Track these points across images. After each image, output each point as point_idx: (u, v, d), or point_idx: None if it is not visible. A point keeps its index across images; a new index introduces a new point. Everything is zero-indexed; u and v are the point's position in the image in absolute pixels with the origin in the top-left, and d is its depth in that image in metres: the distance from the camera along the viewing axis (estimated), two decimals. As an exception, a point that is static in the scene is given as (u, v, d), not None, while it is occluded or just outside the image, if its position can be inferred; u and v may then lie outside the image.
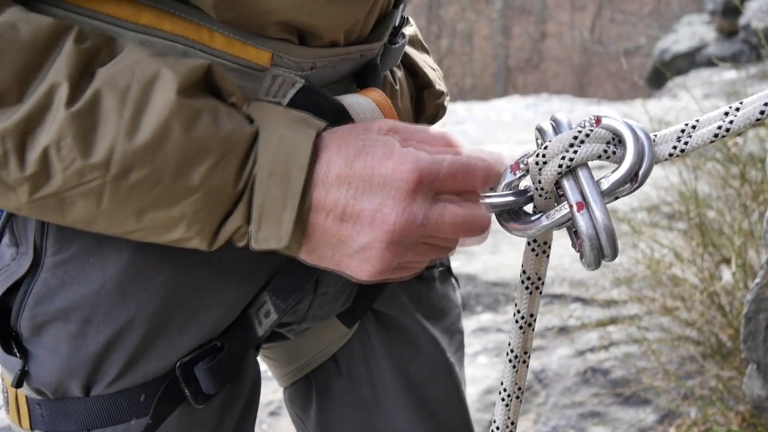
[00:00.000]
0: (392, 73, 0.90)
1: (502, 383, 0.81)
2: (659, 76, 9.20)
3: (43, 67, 0.59)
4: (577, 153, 0.64)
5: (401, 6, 0.85)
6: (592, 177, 0.64)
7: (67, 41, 0.60)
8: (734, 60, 8.12)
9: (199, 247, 0.65)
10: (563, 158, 0.64)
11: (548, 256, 0.74)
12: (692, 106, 4.54)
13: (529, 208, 0.70)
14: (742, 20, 8.46)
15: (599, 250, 0.64)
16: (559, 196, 0.67)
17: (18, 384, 0.77)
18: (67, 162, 0.58)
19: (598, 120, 0.66)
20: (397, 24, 0.86)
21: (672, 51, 9.84)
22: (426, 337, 1.04)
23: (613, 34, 20.83)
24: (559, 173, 0.64)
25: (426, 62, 0.99)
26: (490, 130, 6.59)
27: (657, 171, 4.04)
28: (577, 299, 3.03)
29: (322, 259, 0.67)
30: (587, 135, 0.64)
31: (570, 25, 21.85)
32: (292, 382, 1.07)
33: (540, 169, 0.65)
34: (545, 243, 0.73)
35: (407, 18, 0.95)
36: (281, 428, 2.43)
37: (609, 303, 2.88)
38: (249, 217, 0.64)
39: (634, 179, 0.64)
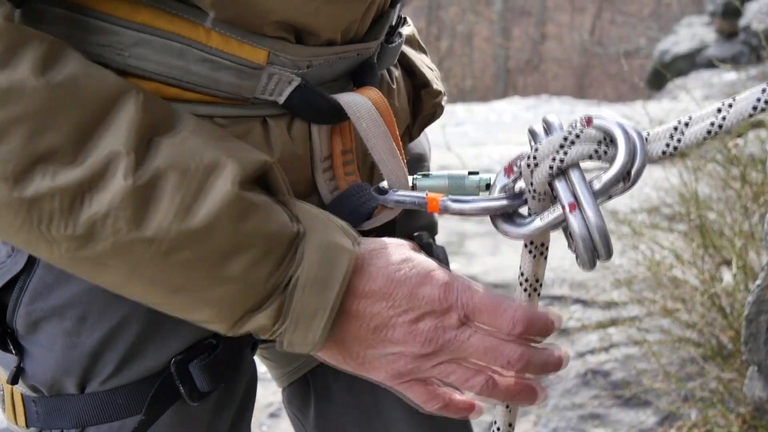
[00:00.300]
0: (389, 72, 0.90)
1: None
2: (659, 78, 9.19)
3: (100, 127, 0.59)
4: (567, 154, 0.63)
5: (398, 5, 0.85)
6: (583, 178, 0.64)
7: (128, 104, 0.60)
8: (734, 61, 8.11)
9: (219, 331, 0.67)
10: (554, 159, 0.64)
11: (546, 258, 0.73)
12: (692, 107, 4.54)
13: (524, 210, 0.70)
14: (742, 22, 8.45)
15: (593, 251, 0.64)
16: (554, 198, 0.66)
17: (13, 381, 0.77)
18: (117, 232, 0.59)
19: (589, 120, 0.66)
20: (393, 23, 0.86)
21: (672, 52, 9.83)
22: None
23: (613, 35, 20.84)
24: (550, 175, 0.64)
25: (423, 62, 0.99)
26: (491, 131, 6.58)
27: (657, 172, 4.05)
28: (578, 301, 3.02)
29: (348, 360, 0.70)
30: (577, 136, 0.64)
31: (570, 26, 21.87)
32: (290, 382, 1.07)
33: (532, 172, 0.65)
34: (542, 245, 0.73)
35: (404, 18, 0.95)
36: (281, 430, 2.43)
37: (609, 304, 2.87)
38: (277, 318, 0.65)
39: (626, 178, 0.64)
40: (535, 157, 0.65)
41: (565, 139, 0.64)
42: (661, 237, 2.94)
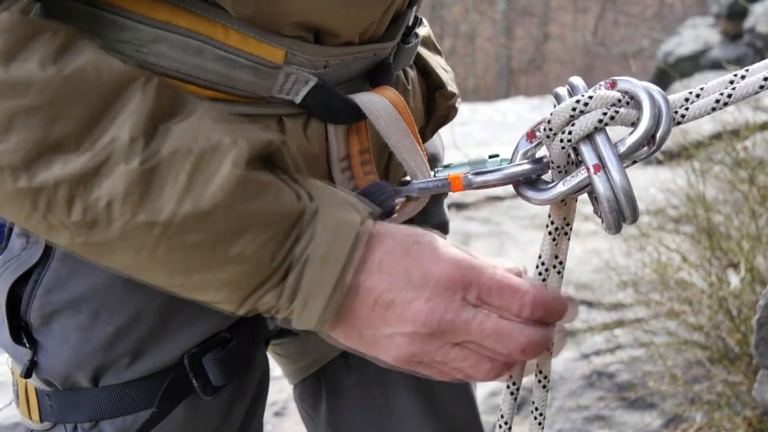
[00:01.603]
0: (405, 72, 0.90)
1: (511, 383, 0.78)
2: (663, 79, 9.17)
3: (106, 115, 0.59)
4: (619, 113, 0.63)
5: (415, 6, 0.85)
6: (609, 140, 0.63)
7: (134, 91, 0.60)
8: (739, 63, 8.09)
9: (227, 309, 0.66)
10: (605, 114, 0.63)
11: (569, 238, 0.72)
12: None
13: (545, 178, 0.70)
14: (747, 23, 8.44)
15: (618, 212, 0.63)
16: (577, 162, 0.66)
17: (27, 374, 0.77)
18: (123, 217, 0.58)
19: (612, 84, 0.65)
20: (410, 24, 0.86)
21: (676, 54, 9.81)
22: None
23: (616, 36, 20.83)
24: (596, 127, 0.63)
25: (438, 63, 0.99)
26: (495, 131, 6.58)
27: (664, 173, 4.03)
28: (583, 302, 3.02)
29: (356, 340, 0.67)
30: (627, 102, 0.64)
31: (573, 27, 21.86)
32: (302, 378, 1.07)
33: (572, 118, 0.64)
34: (567, 224, 0.72)
35: (421, 18, 0.95)
36: (285, 428, 2.43)
37: (615, 306, 2.87)
38: (287, 297, 0.64)
39: (651, 142, 0.63)
40: (586, 103, 0.63)
41: (619, 100, 0.64)
42: (668, 239, 2.93)
